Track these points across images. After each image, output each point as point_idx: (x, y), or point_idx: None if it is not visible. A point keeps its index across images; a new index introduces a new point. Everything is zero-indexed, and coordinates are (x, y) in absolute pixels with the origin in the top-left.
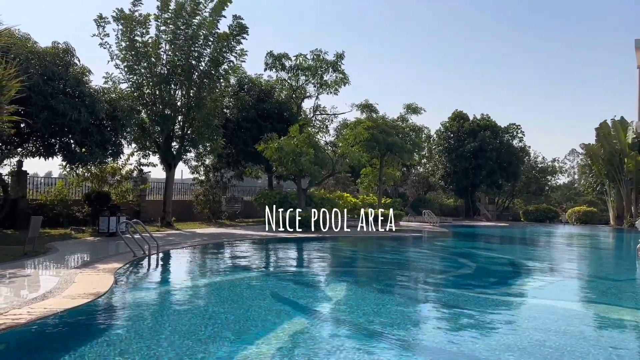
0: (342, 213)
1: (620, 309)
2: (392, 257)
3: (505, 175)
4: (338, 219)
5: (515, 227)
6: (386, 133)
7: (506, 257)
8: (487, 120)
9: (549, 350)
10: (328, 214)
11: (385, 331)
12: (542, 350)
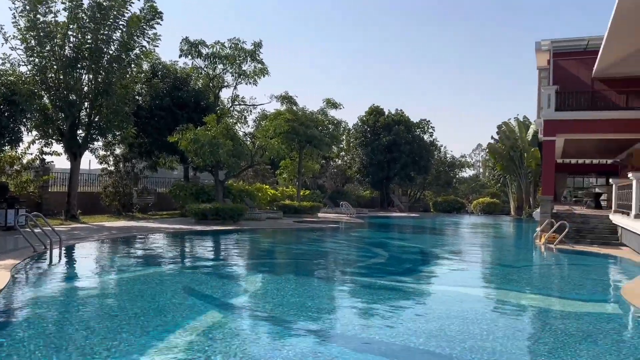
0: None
1: (519, 294)
2: (309, 248)
3: (417, 169)
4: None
5: (426, 217)
6: (306, 126)
7: (417, 246)
8: (401, 115)
9: (454, 334)
10: (246, 206)
11: (300, 321)
12: (447, 334)
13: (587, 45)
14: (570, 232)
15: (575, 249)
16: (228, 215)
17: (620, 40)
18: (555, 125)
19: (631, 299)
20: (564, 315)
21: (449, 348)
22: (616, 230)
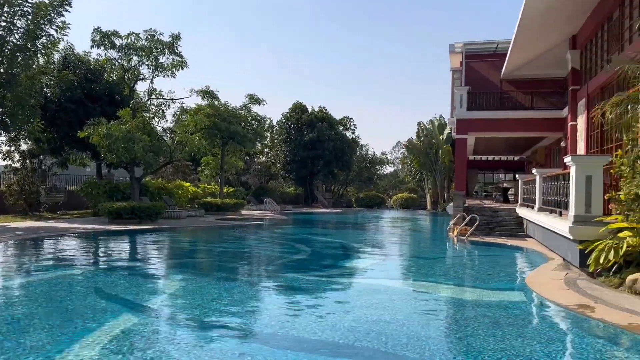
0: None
1: (434, 284)
2: (231, 246)
3: (340, 165)
4: (176, 209)
5: (349, 212)
6: (228, 122)
7: (339, 241)
8: (324, 112)
9: (376, 325)
10: (165, 204)
11: (222, 321)
12: (369, 326)
13: (496, 49)
14: (481, 225)
15: (485, 241)
16: (145, 214)
17: (525, 44)
18: (467, 124)
19: (534, 287)
20: (475, 303)
21: (371, 339)
22: (522, 222)
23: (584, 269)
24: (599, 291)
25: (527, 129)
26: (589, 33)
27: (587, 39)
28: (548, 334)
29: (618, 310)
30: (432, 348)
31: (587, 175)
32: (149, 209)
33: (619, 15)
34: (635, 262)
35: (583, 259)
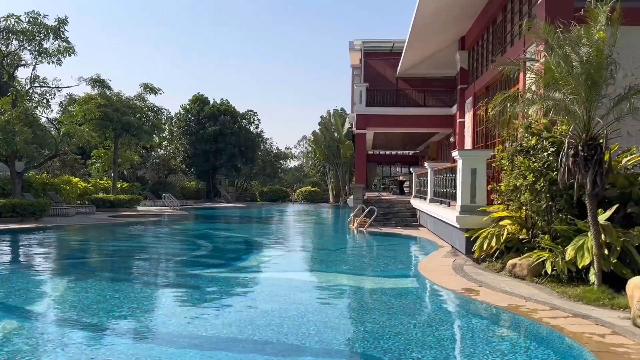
0: (70, 199)
1: (336, 274)
2: (126, 244)
3: (244, 159)
4: (64, 205)
5: (252, 207)
6: (121, 112)
7: (242, 236)
8: (226, 105)
9: (278, 318)
10: (51, 201)
11: (115, 324)
12: (271, 319)
13: (392, 48)
14: (379, 216)
15: (383, 231)
16: (28, 211)
17: (419, 44)
18: (366, 119)
19: (426, 273)
20: (373, 291)
21: (273, 332)
22: (416, 213)
23: (470, 255)
24: (483, 275)
25: (421, 125)
26: (476, 35)
27: (474, 41)
28: (438, 316)
29: (499, 293)
30: (333, 337)
31: (472, 168)
32: (32, 206)
33: (502, 19)
34: (515, 247)
35: (469, 246)
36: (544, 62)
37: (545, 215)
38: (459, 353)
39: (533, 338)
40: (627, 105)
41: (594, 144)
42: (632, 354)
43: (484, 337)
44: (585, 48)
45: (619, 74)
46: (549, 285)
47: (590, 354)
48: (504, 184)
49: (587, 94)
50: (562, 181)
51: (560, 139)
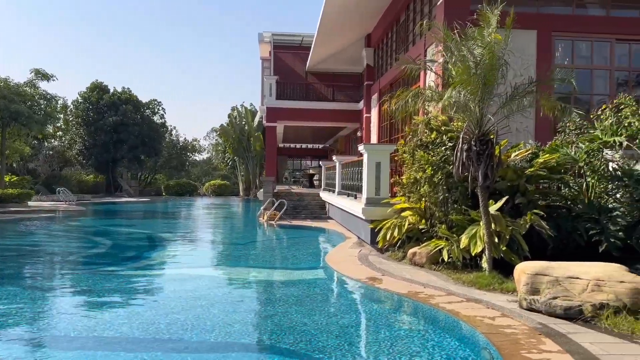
0: None
1: (245, 269)
2: (14, 243)
3: (147, 151)
4: None
5: (157, 201)
6: (9, 100)
7: (146, 232)
8: (128, 94)
9: (186, 315)
10: None
11: (3, 331)
12: (177, 317)
13: (301, 42)
14: (289, 209)
15: (292, 224)
16: None
17: (327, 40)
18: (276, 112)
19: (333, 264)
20: (282, 284)
21: (179, 330)
22: (325, 205)
23: (375, 246)
24: (387, 265)
25: (330, 119)
26: (381, 34)
27: (380, 39)
28: (344, 305)
29: (400, 280)
30: (240, 331)
31: (377, 162)
32: None
33: (405, 18)
34: (415, 237)
35: (374, 237)
36: (442, 62)
37: (442, 206)
38: (362, 339)
39: (430, 322)
40: (516, 104)
41: (485, 139)
42: (518, 333)
43: (386, 323)
44: (479, 49)
45: (510, 74)
46: (445, 272)
47: (482, 335)
48: (406, 177)
49: (481, 93)
50: (457, 174)
51: (457, 135)
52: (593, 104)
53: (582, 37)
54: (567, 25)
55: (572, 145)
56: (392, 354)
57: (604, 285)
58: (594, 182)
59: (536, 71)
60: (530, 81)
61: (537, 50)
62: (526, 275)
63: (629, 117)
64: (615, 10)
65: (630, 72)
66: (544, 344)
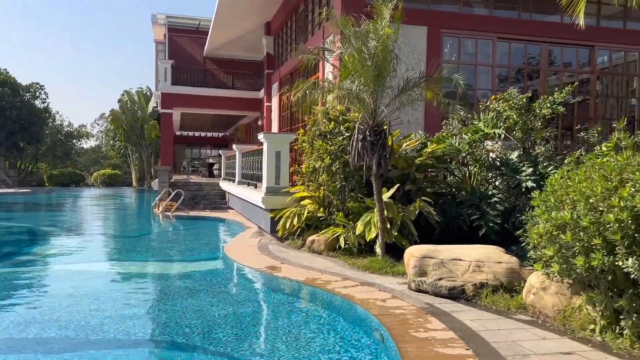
0: None
1: (139, 263)
2: None
3: (27, 137)
4: None
5: (40, 192)
6: None
7: (26, 225)
8: (5, 75)
9: (69, 314)
10: None
11: None
12: (61, 315)
13: (199, 26)
14: (187, 200)
15: (190, 215)
16: None
17: (225, 25)
18: (172, 98)
19: (232, 254)
20: (179, 276)
21: (66, 329)
22: (225, 195)
23: (275, 235)
24: (286, 253)
25: (230, 107)
26: (281, 22)
27: (279, 28)
28: (242, 295)
29: (299, 268)
30: (132, 327)
31: (276, 151)
32: None
33: (304, 8)
34: (314, 225)
35: (274, 226)
36: (339, 53)
37: (339, 195)
38: (260, 328)
39: (327, 307)
40: (407, 97)
41: (379, 130)
42: (407, 314)
43: (284, 310)
44: (373, 42)
45: (402, 67)
46: (342, 258)
47: (374, 317)
48: (305, 166)
49: (375, 85)
50: (353, 163)
51: (354, 125)
52: (477, 98)
53: (467, 34)
54: (455, 22)
55: (457, 137)
56: (289, 341)
57: (483, 266)
58: (476, 170)
59: (426, 66)
60: (420, 75)
61: (427, 46)
62: (415, 258)
63: (507, 111)
64: (498, 10)
65: (509, 69)
66: (430, 323)
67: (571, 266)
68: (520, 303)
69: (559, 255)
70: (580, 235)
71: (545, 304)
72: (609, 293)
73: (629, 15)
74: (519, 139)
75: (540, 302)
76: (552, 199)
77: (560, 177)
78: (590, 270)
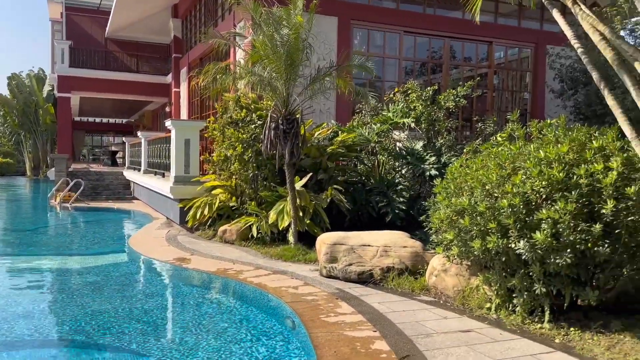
0: None
1: (34, 257)
2: None
3: None
4: None
5: None
6: None
7: None
8: None
9: None
10: None
11: None
12: None
13: (100, 5)
14: (87, 190)
15: (91, 206)
16: None
17: (128, 6)
18: (70, 81)
19: (138, 247)
20: (80, 271)
21: None
22: (130, 185)
23: (184, 225)
24: (196, 244)
25: (134, 92)
26: (189, 5)
27: (188, 10)
28: (149, 288)
29: (210, 259)
30: (29, 326)
31: (186, 139)
32: None
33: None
34: (226, 215)
35: (183, 216)
36: (251, 39)
37: (252, 184)
38: (168, 321)
39: (239, 297)
40: (319, 86)
41: (291, 118)
42: (318, 300)
43: (194, 302)
44: (285, 30)
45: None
46: (255, 248)
47: (287, 305)
48: (216, 155)
49: (287, 73)
50: (265, 152)
51: (266, 113)
52: (384, 89)
53: (376, 27)
54: (364, 14)
55: (367, 126)
56: (199, 333)
57: (390, 251)
58: (384, 159)
59: (337, 56)
60: (331, 65)
61: (338, 36)
62: (326, 245)
63: (414, 102)
64: (405, 4)
65: (414, 62)
66: (340, 307)
67: (469, 249)
68: (424, 285)
69: (458, 239)
70: (477, 219)
71: (446, 285)
72: (503, 273)
73: (523, 14)
74: (424, 129)
75: (442, 284)
76: (452, 186)
77: (460, 166)
78: (486, 252)
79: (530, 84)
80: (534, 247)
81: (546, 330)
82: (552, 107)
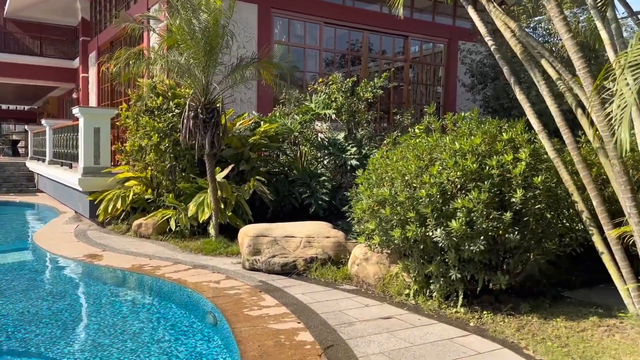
0: None
1: None
2: None
3: None
4: None
5: None
6: None
7: None
8: None
9: None
10: None
11: None
12: None
13: None
14: None
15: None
16: None
17: None
18: None
19: (43, 243)
20: None
21: None
22: (33, 177)
23: (95, 220)
24: (108, 239)
25: (37, 76)
26: None
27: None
28: (56, 288)
29: (124, 254)
30: None
31: (95, 128)
32: None
33: None
34: (141, 208)
35: (93, 210)
36: (167, 23)
37: (169, 175)
38: (78, 323)
39: (157, 294)
40: (240, 75)
41: (212, 107)
42: (241, 293)
43: (107, 302)
44: (204, 15)
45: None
46: (173, 242)
47: (208, 300)
48: (129, 144)
49: (206, 60)
50: (184, 142)
51: (184, 101)
52: (305, 79)
53: (297, 16)
54: (284, 3)
55: (289, 117)
56: (113, 334)
57: (313, 241)
58: (307, 150)
59: (257, 45)
60: (252, 55)
61: (259, 24)
62: (249, 237)
63: (334, 93)
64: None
65: (334, 53)
66: (263, 300)
67: (390, 238)
68: (346, 274)
69: (379, 228)
70: (397, 209)
71: (367, 274)
72: (420, 260)
73: (437, 10)
74: (345, 120)
75: (364, 272)
76: (373, 177)
77: (380, 157)
78: (406, 241)
79: (443, 77)
80: (449, 235)
81: (461, 315)
82: (463, 100)
